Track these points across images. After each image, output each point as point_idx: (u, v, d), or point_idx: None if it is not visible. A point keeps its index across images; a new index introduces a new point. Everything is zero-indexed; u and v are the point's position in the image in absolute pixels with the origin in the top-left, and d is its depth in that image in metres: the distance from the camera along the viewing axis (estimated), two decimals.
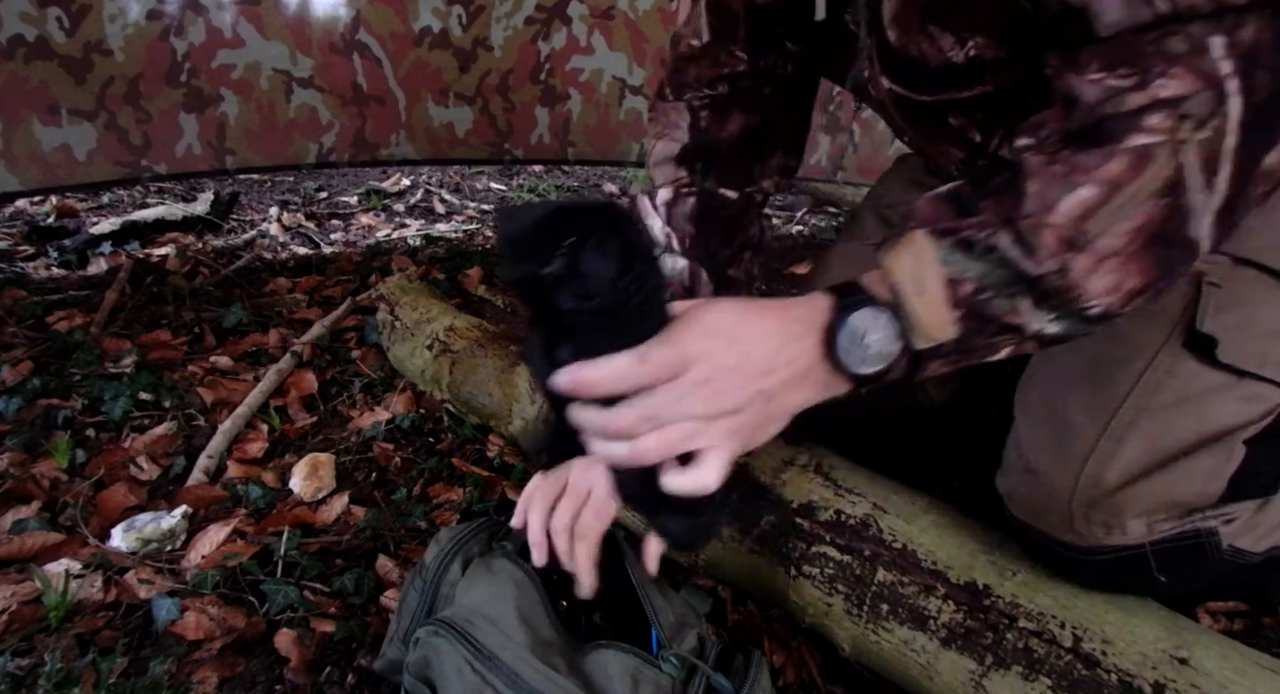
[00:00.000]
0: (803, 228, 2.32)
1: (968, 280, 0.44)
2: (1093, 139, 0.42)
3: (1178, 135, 0.40)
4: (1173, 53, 0.41)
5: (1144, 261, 0.42)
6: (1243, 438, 0.60)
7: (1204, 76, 0.40)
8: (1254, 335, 0.57)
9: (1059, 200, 0.42)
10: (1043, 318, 0.44)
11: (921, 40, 0.54)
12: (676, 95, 0.75)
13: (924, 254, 0.44)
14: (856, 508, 0.71)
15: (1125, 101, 0.41)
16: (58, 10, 1.60)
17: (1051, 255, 0.42)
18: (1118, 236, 0.42)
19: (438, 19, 1.95)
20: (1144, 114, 0.41)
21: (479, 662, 0.53)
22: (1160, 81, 0.41)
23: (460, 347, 1.12)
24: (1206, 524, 0.61)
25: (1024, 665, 0.59)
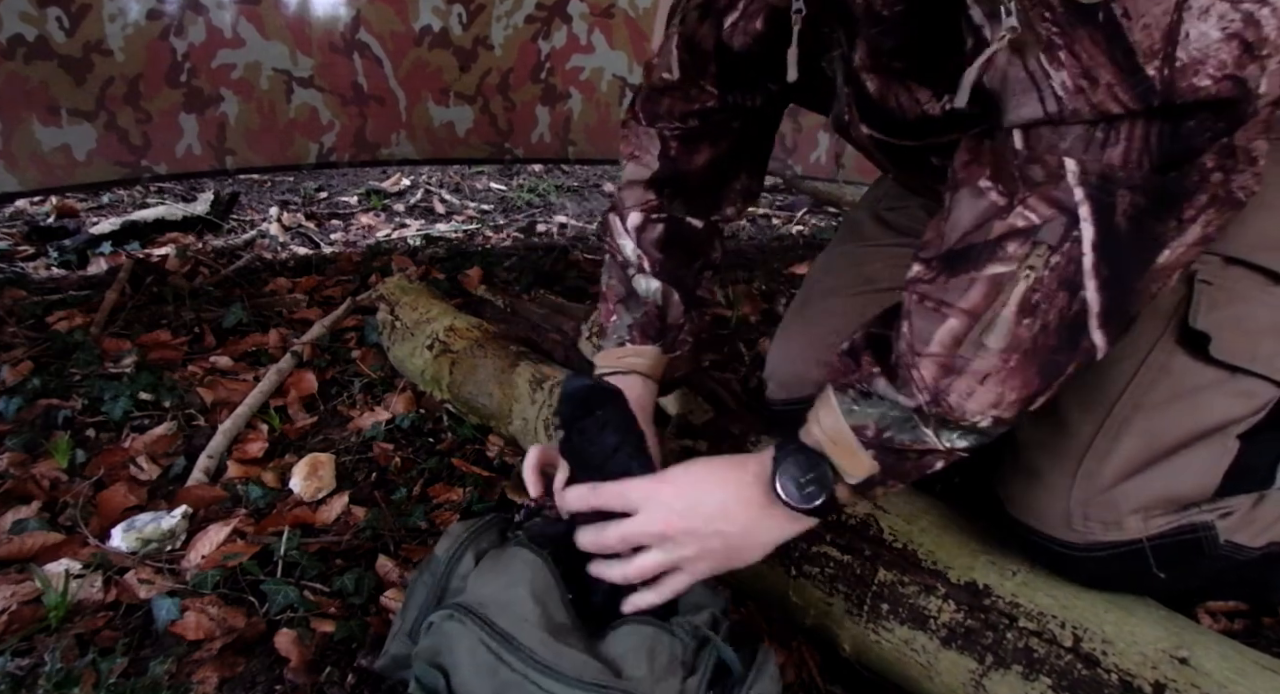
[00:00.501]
0: (803, 228, 2.32)
1: (869, 424, 0.51)
2: (961, 264, 0.47)
3: (1028, 262, 0.45)
4: (1033, 180, 0.44)
5: (1025, 374, 0.47)
6: (1236, 433, 0.60)
7: (1056, 204, 0.44)
8: (1246, 332, 0.58)
9: (933, 333, 0.48)
10: (949, 437, 0.50)
11: (900, 92, 0.56)
12: (649, 122, 0.77)
13: (833, 408, 0.53)
14: (856, 508, 0.71)
15: (992, 228, 0.46)
16: (58, 10, 1.60)
17: (922, 387, 0.48)
18: (990, 357, 0.47)
19: (438, 18, 1.95)
20: (1004, 241, 0.45)
21: (493, 641, 0.54)
22: (1020, 209, 0.45)
23: (460, 347, 1.12)
24: (1203, 519, 0.61)
25: (1024, 665, 0.59)
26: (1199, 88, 0.39)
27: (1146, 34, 0.39)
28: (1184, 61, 0.39)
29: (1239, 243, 0.58)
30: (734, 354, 1.37)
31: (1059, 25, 0.41)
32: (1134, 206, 0.42)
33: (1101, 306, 0.45)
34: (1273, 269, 0.58)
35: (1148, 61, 0.40)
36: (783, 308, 1.55)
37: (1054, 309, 0.45)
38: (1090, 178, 0.42)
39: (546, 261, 1.86)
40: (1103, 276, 0.44)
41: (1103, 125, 0.42)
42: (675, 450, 0.83)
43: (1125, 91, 0.41)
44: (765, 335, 1.41)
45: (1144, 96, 0.40)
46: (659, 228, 0.77)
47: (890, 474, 0.52)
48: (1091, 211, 0.43)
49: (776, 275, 1.81)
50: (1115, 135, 0.42)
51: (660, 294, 0.76)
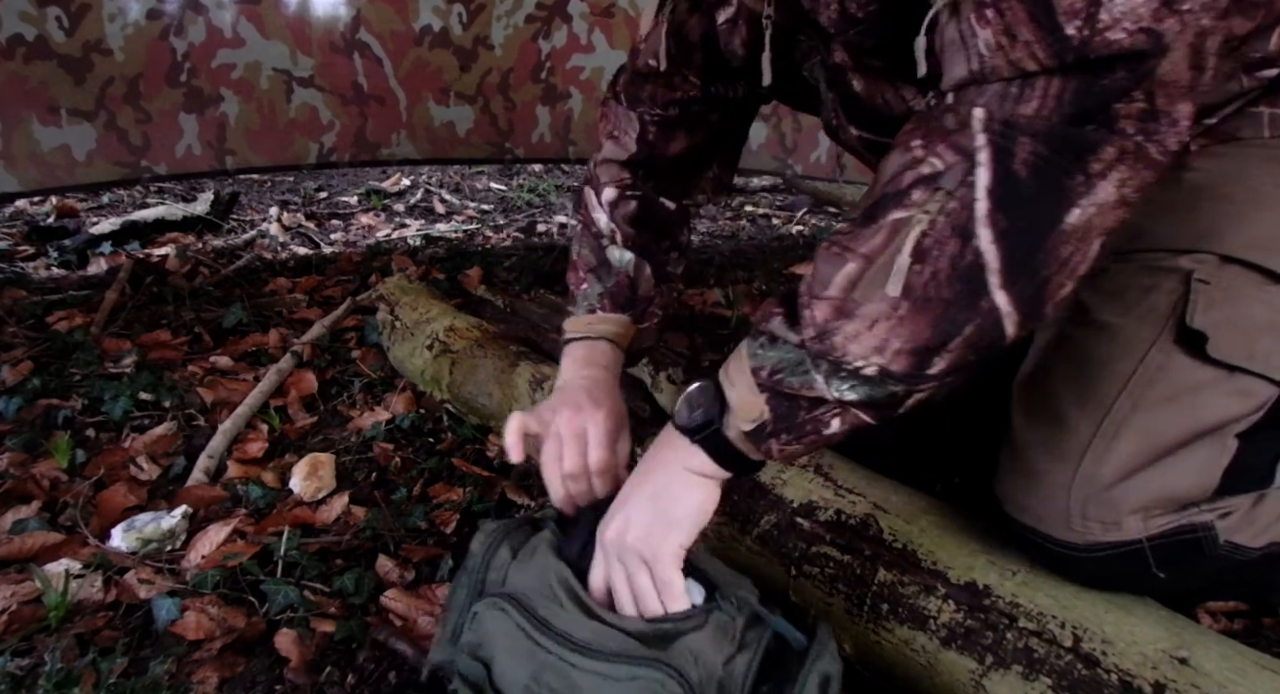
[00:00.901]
0: (802, 228, 2.32)
1: (765, 366, 0.51)
2: (873, 214, 0.47)
3: (925, 207, 0.44)
4: (945, 128, 0.44)
5: (915, 325, 0.46)
6: (1234, 432, 0.60)
7: (960, 150, 0.43)
8: (1243, 331, 0.58)
9: (833, 275, 0.48)
10: (838, 386, 0.49)
11: (886, 90, 0.57)
12: (630, 105, 0.78)
13: (741, 351, 0.53)
14: (856, 508, 0.71)
15: (903, 179, 0.45)
16: (57, 10, 1.60)
17: (810, 324, 0.48)
18: (881, 302, 0.46)
19: (438, 18, 1.95)
20: (910, 189, 0.45)
21: (531, 626, 0.54)
22: (929, 158, 0.44)
23: (460, 347, 1.12)
24: (1202, 518, 0.61)
25: (1024, 665, 0.59)
26: (1112, 41, 0.39)
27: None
28: (1105, 21, 0.39)
29: (1235, 242, 0.58)
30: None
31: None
32: (1035, 154, 0.41)
33: (1001, 262, 0.43)
34: (1269, 268, 0.58)
35: (1068, 20, 0.40)
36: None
37: (945, 256, 0.44)
38: (994, 124, 0.42)
39: (546, 261, 1.86)
40: (999, 227, 0.43)
41: (1019, 81, 0.42)
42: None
43: (1042, 49, 0.41)
44: None
45: (1060, 53, 0.40)
46: (632, 204, 0.78)
47: (781, 425, 0.51)
48: (990, 157, 0.42)
49: (776, 275, 1.81)
50: (1030, 91, 0.42)
51: (633, 265, 0.77)
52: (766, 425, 0.52)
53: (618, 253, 0.77)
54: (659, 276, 0.78)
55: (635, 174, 0.78)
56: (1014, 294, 0.44)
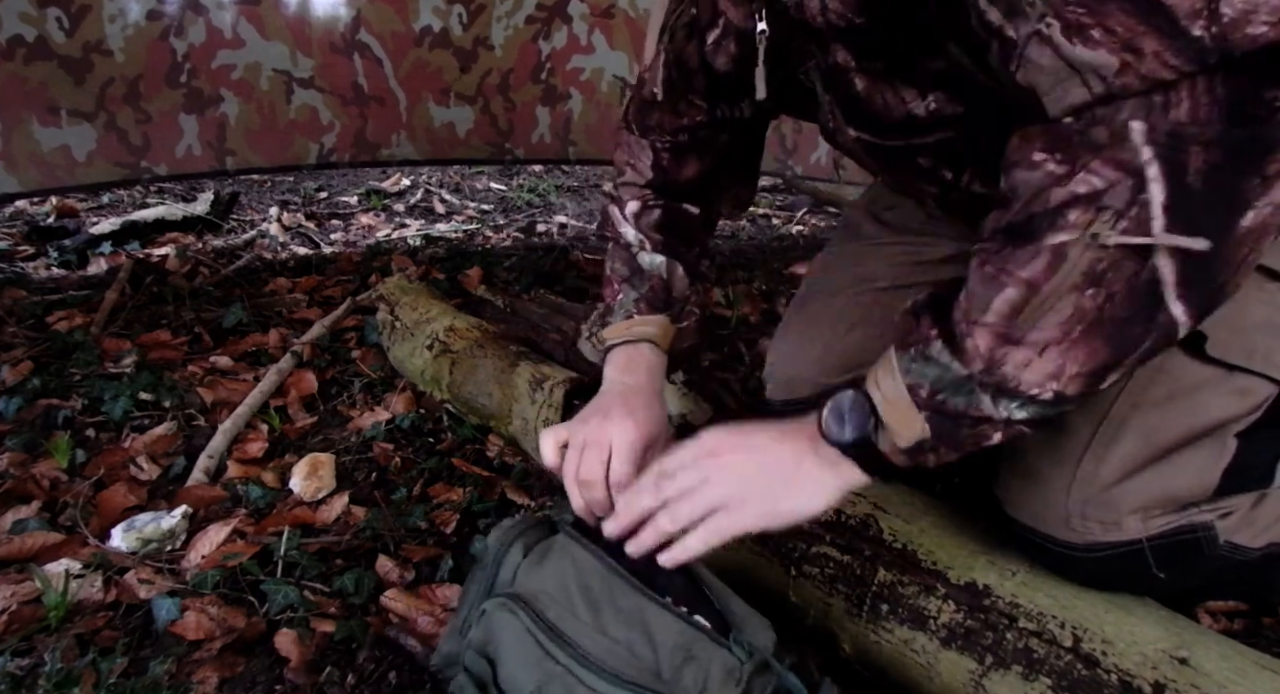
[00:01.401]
0: (802, 228, 2.32)
1: (924, 385, 0.49)
2: (1023, 235, 0.45)
3: (1092, 230, 0.42)
4: (1096, 143, 0.42)
5: (1090, 346, 0.44)
6: (1234, 431, 0.60)
7: (1122, 166, 0.41)
8: (1242, 330, 0.58)
9: (991, 301, 0.46)
10: (1007, 406, 0.47)
11: (886, 91, 0.56)
12: (641, 133, 0.79)
13: (891, 367, 0.51)
14: (856, 508, 0.71)
15: (1051, 197, 0.43)
16: (57, 10, 1.60)
17: (976, 355, 0.46)
18: (1051, 328, 0.44)
19: (438, 18, 1.95)
20: (1065, 209, 0.43)
21: (542, 634, 0.53)
22: (1082, 175, 0.42)
23: (460, 347, 1.12)
24: (1202, 518, 0.61)
25: (1024, 665, 0.59)
26: (1256, 36, 0.38)
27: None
28: (1231, 15, 0.37)
29: None
30: (734, 354, 1.38)
31: (1085, 5, 0.40)
32: (1208, 163, 0.40)
33: (1178, 275, 0.42)
34: (1269, 266, 0.57)
35: (1191, 22, 0.38)
36: (783, 308, 1.55)
37: (1121, 279, 0.42)
38: (1159, 136, 0.40)
39: (546, 261, 1.86)
40: (1177, 242, 0.41)
41: (1159, 91, 0.40)
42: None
43: (1175, 56, 0.39)
44: (765, 335, 1.41)
45: (1198, 56, 0.39)
46: (656, 212, 0.78)
47: (942, 440, 0.49)
48: (1161, 171, 0.40)
49: (776, 275, 1.81)
50: (1176, 97, 0.40)
51: (664, 268, 0.77)
52: (926, 442, 0.50)
53: (648, 258, 0.77)
54: (692, 275, 0.78)
55: (656, 192, 0.79)
56: (1190, 303, 0.43)
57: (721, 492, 0.54)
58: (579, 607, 0.55)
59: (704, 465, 0.55)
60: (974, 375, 0.47)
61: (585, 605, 0.55)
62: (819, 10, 0.53)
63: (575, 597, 0.55)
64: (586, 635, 0.53)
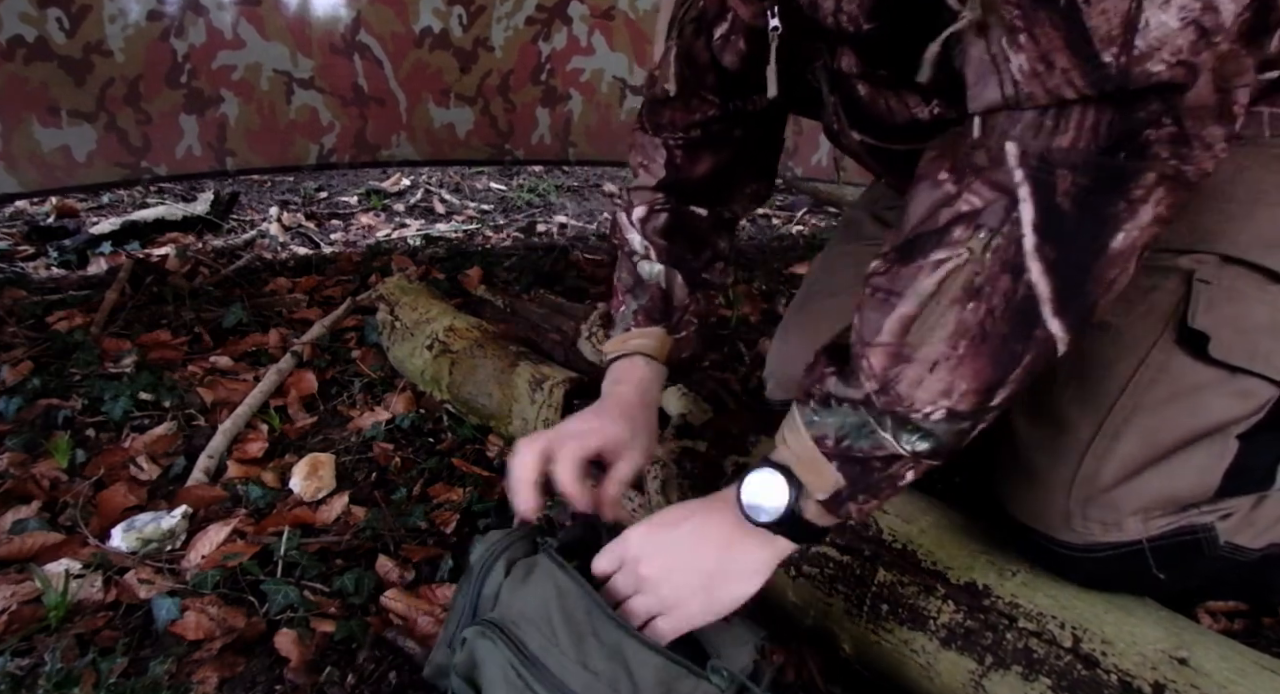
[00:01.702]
0: (802, 228, 2.32)
1: (828, 434, 0.50)
2: (911, 254, 0.47)
3: (969, 244, 0.44)
4: (978, 165, 0.44)
5: (976, 363, 0.46)
6: (1236, 433, 0.60)
7: (998, 187, 0.43)
8: (1244, 331, 0.58)
9: (883, 321, 0.47)
10: (908, 439, 0.49)
11: (890, 96, 0.57)
12: (654, 132, 0.78)
13: (796, 423, 0.52)
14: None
15: (940, 216, 0.46)
16: (58, 11, 1.60)
17: (870, 376, 0.48)
18: (938, 343, 0.46)
19: (438, 19, 1.95)
20: (950, 227, 0.45)
21: (523, 666, 0.53)
22: (965, 194, 0.45)
23: (460, 347, 1.12)
24: (1202, 520, 0.61)
25: (1024, 665, 0.59)
26: (1152, 73, 0.39)
27: (1104, 19, 0.39)
28: (1141, 49, 0.39)
29: (1237, 241, 0.58)
30: (734, 354, 1.38)
31: (1021, 8, 0.41)
32: (1076, 186, 0.42)
33: (1052, 291, 0.44)
34: (1271, 268, 0.58)
35: (1105, 48, 0.39)
36: (783, 308, 1.55)
37: (998, 293, 0.44)
38: (1030, 159, 0.42)
39: (546, 261, 1.86)
40: (1048, 259, 0.43)
41: (1054, 110, 0.42)
42: (675, 450, 0.83)
43: (1080, 77, 0.40)
44: (765, 335, 1.42)
45: (1098, 82, 0.40)
46: (663, 217, 0.78)
47: (858, 488, 0.51)
48: (1031, 192, 0.43)
49: (776, 275, 1.81)
50: (1065, 122, 0.42)
51: (663, 276, 0.77)
52: (842, 492, 0.51)
53: (648, 266, 0.77)
54: (692, 284, 0.78)
55: (668, 195, 0.79)
56: (1066, 319, 0.45)
57: (655, 599, 0.55)
58: (561, 637, 0.54)
59: (634, 574, 0.56)
60: (870, 398, 0.48)
61: (568, 635, 0.54)
62: (832, 12, 0.54)
63: (558, 625, 0.55)
64: (569, 669, 0.53)
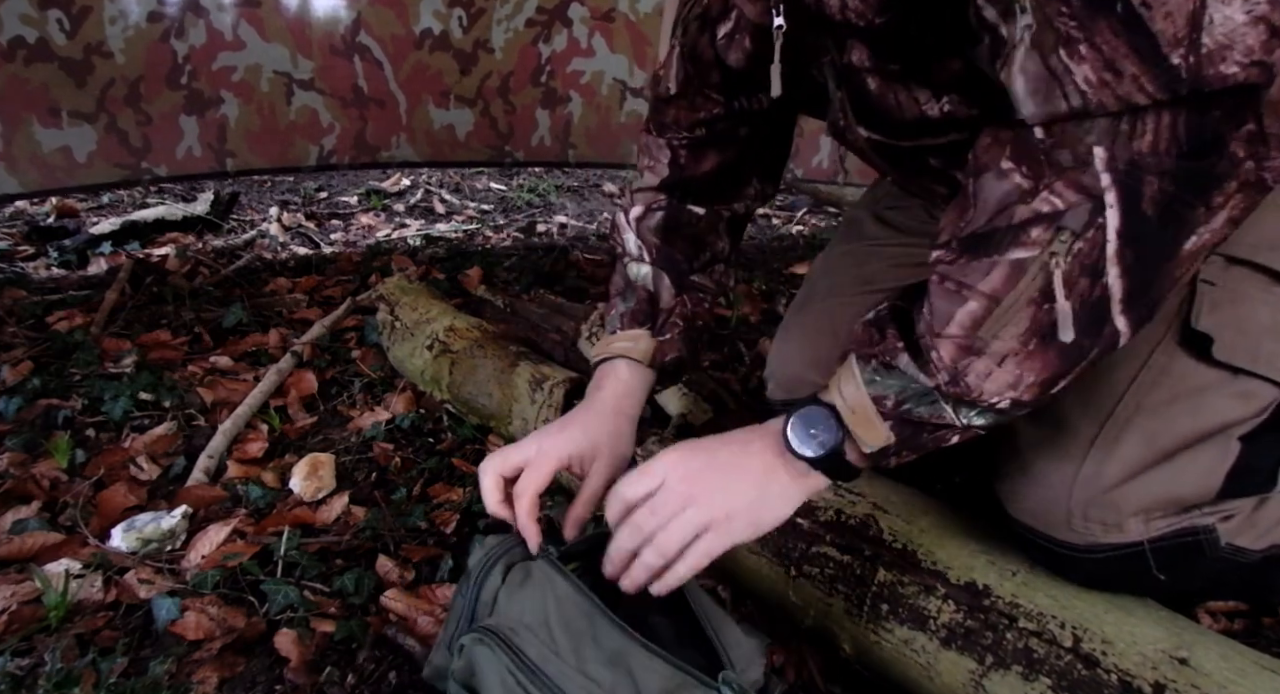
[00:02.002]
0: (802, 228, 2.32)
1: (889, 396, 0.51)
2: (984, 248, 0.47)
3: (1050, 248, 0.45)
4: (1061, 165, 0.44)
5: (1044, 357, 0.47)
6: (1238, 434, 0.60)
7: (1083, 190, 0.43)
8: (1248, 333, 0.58)
9: (953, 314, 0.48)
10: (967, 414, 0.50)
11: (899, 91, 0.57)
12: (658, 132, 0.78)
13: (854, 377, 0.53)
14: (856, 508, 0.71)
15: (1016, 212, 0.45)
16: (58, 12, 1.60)
17: (941, 367, 0.49)
18: (1010, 339, 0.47)
19: (438, 21, 1.96)
20: (1028, 226, 0.45)
21: (521, 673, 0.53)
22: (1045, 194, 0.44)
23: (460, 347, 1.12)
24: (1204, 521, 0.61)
25: (1024, 665, 0.59)
26: (1227, 75, 0.39)
27: (1169, 22, 0.39)
28: (1210, 48, 0.39)
29: (1241, 243, 0.57)
30: (734, 354, 1.38)
31: (1077, 19, 0.41)
32: (1162, 193, 0.42)
33: (1125, 292, 0.45)
34: (1275, 269, 0.58)
35: (1172, 50, 0.39)
36: (783, 308, 1.55)
37: (1075, 295, 0.45)
38: (1119, 164, 0.42)
39: (546, 261, 1.86)
40: (1126, 263, 0.44)
41: (1128, 116, 0.41)
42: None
43: (1151, 82, 0.40)
44: (765, 335, 1.42)
45: (1171, 85, 0.40)
46: (658, 216, 0.78)
47: (905, 445, 0.52)
48: (1119, 198, 0.43)
49: (776, 275, 1.81)
50: (1142, 126, 0.41)
51: (650, 279, 0.77)
52: (890, 448, 0.52)
53: (635, 269, 0.77)
54: (680, 287, 0.77)
55: (670, 195, 0.79)
56: (1132, 317, 0.46)
57: (708, 512, 0.54)
58: (560, 644, 0.54)
59: (682, 490, 0.55)
60: (939, 386, 0.49)
61: (567, 642, 0.54)
62: (839, 7, 0.53)
63: (556, 632, 0.55)
64: (569, 677, 0.53)
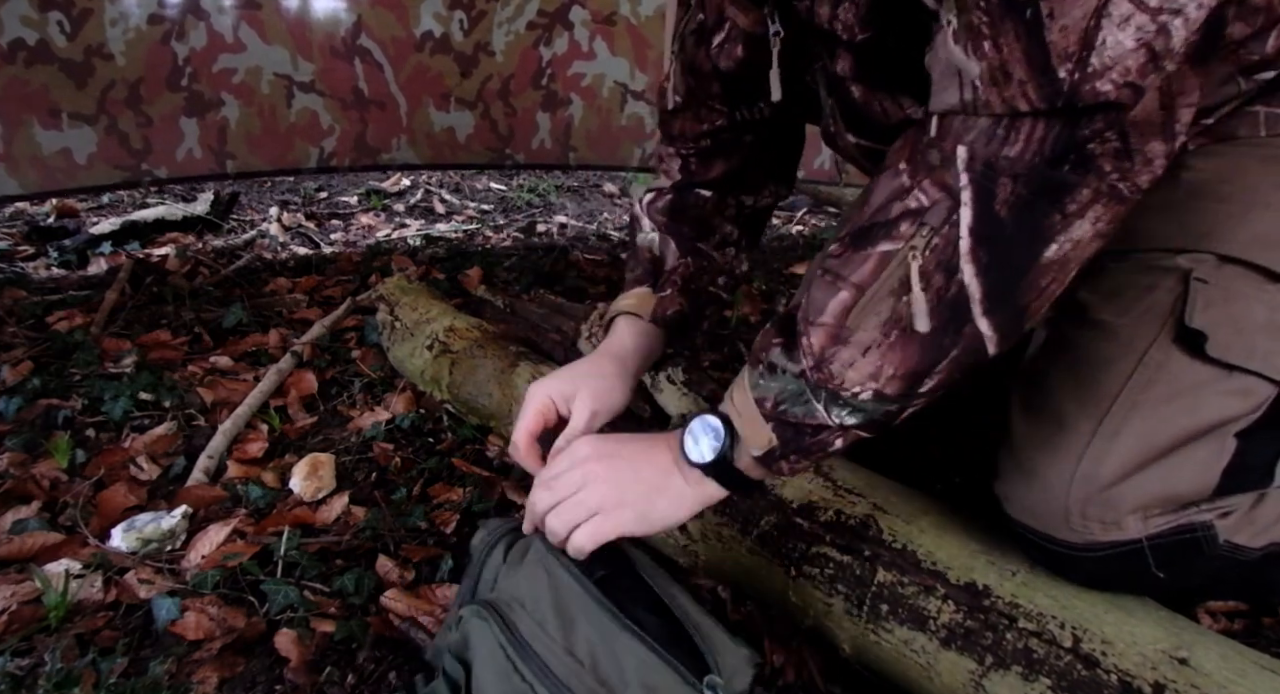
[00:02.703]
0: (802, 228, 2.33)
1: (768, 397, 0.54)
2: (863, 241, 0.49)
3: (911, 241, 0.47)
4: (930, 164, 0.46)
5: (904, 350, 0.48)
6: (1234, 431, 0.60)
7: (945, 188, 0.45)
8: (1242, 330, 0.58)
9: (827, 303, 0.50)
10: (839, 413, 0.52)
11: (884, 99, 0.58)
12: (668, 143, 0.81)
13: (743, 382, 0.56)
14: (856, 508, 0.71)
15: (892, 208, 0.48)
16: (59, 14, 1.61)
17: (809, 352, 0.51)
18: (872, 329, 0.49)
19: (439, 24, 1.96)
20: (898, 221, 0.47)
21: (511, 648, 0.55)
22: (916, 191, 0.47)
23: (460, 347, 1.13)
24: (1202, 518, 0.61)
25: (1024, 666, 0.59)
26: (1100, 92, 0.40)
27: (1063, 36, 0.40)
28: (1095, 67, 0.40)
29: (1234, 241, 0.58)
30: (734, 354, 1.38)
31: (990, 15, 0.42)
32: (1015, 195, 0.44)
33: (983, 293, 0.46)
34: (1268, 267, 0.58)
35: (1061, 63, 0.41)
36: (782, 308, 1.55)
37: (931, 289, 0.46)
38: (976, 164, 0.44)
39: (546, 262, 1.86)
40: (981, 262, 0.45)
41: (1007, 120, 0.43)
42: None
43: (1035, 90, 0.42)
44: None
45: (1050, 97, 0.41)
46: (668, 197, 0.80)
47: (790, 448, 0.54)
48: (973, 197, 0.44)
49: (776, 275, 1.81)
50: (1016, 133, 0.43)
51: (657, 242, 0.79)
52: (775, 450, 0.54)
53: (643, 237, 0.80)
54: (685, 250, 0.79)
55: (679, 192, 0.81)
56: (995, 320, 0.47)
57: (599, 496, 0.58)
58: (549, 622, 0.56)
59: (583, 471, 0.59)
60: (805, 373, 0.51)
61: (556, 621, 0.56)
62: (828, 19, 0.55)
63: (547, 610, 0.56)
64: (554, 655, 0.54)
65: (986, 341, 0.48)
